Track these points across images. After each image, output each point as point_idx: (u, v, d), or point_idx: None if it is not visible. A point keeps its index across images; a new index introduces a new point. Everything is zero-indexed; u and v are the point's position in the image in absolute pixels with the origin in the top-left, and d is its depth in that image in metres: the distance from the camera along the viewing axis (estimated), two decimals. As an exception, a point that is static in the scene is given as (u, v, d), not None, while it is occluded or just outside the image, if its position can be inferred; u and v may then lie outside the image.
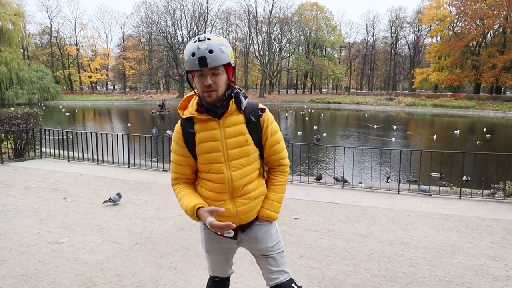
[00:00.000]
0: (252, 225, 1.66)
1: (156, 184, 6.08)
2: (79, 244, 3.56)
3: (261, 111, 1.61)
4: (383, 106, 43.74)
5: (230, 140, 1.55)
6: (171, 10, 57.41)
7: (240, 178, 1.57)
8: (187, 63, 1.44)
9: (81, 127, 22.81)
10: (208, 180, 1.60)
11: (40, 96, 46.07)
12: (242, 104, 1.56)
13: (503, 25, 42.54)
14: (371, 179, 6.18)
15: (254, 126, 1.59)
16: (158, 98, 48.60)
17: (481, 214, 4.49)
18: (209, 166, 1.57)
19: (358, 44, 70.50)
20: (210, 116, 1.54)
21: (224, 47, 1.44)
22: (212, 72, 1.44)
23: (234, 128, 1.56)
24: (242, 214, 1.60)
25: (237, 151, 1.56)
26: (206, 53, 1.40)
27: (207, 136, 1.54)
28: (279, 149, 1.67)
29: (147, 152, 8.90)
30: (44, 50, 63.05)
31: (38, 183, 6.06)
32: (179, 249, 3.46)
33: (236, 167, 1.56)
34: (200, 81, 1.46)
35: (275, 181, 1.70)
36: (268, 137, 1.63)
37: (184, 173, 1.66)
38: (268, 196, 1.68)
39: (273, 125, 1.65)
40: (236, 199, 1.58)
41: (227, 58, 1.46)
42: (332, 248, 3.46)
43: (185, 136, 1.59)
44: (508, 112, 34.69)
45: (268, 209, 1.66)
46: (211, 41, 1.42)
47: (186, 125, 1.59)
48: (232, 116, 1.56)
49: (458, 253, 3.34)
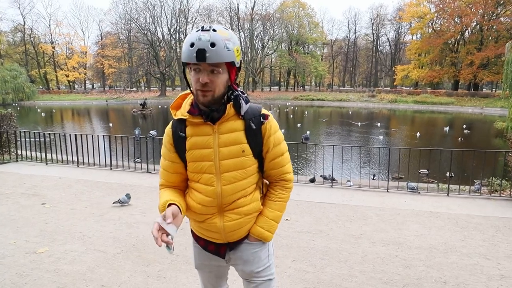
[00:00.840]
0: (240, 244, 1.48)
1: (140, 186, 5.87)
2: (60, 253, 3.35)
3: (264, 118, 1.41)
4: (366, 103, 44.37)
5: (224, 149, 1.36)
6: (150, 7, 56.45)
7: (231, 193, 1.39)
8: (184, 53, 1.24)
9: (59, 128, 22.08)
10: (196, 191, 1.43)
11: (15, 96, 44.47)
12: (242, 109, 1.36)
13: (480, 23, 43.76)
14: (360, 178, 6.16)
15: (254, 135, 1.39)
16: (139, 97, 47.81)
17: (470, 211, 4.53)
18: (199, 176, 1.40)
19: (340, 41, 71.33)
20: (204, 120, 1.35)
21: (230, 43, 1.24)
22: (211, 68, 1.25)
23: (230, 135, 1.37)
24: (230, 231, 1.42)
25: (231, 162, 1.37)
26: (207, 46, 1.19)
27: (198, 142, 1.36)
28: (282, 163, 1.47)
29: (130, 153, 8.64)
30: (17, 48, 60.84)
31: (13, 188, 5.74)
32: (166, 255, 3.30)
33: (229, 180, 1.38)
34: (196, 77, 1.27)
35: (274, 197, 1.50)
36: (270, 148, 1.43)
37: (171, 181, 1.48)
38: (264, 213, 1.47)
39: (277, 134, 1.45)
40: (225, 213, 1.41)
41: (231, 56, 1.25)
42: (326, 251, 3.38)
43: (175, 139, 1.41)
44: (486, 108, 35.78)
45: (261, 226, 1.46)
46: (216, 33, 1.22)
47: (178, 128, 1.40)
48: (229, 122, 1.37)
49: (451, 253, 3.33)
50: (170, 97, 51.62)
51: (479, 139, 17.87)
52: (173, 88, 65.12)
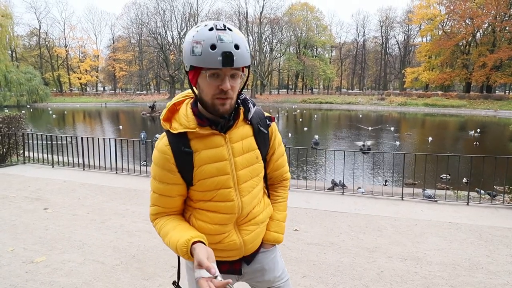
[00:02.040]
0: (257, 254, 1.37)
1: (145, 192, 5.70)
2: (57, 264, 3.19)
3: (270, 120, 1.33)
4: (375, 106, 43.82)
5: (239, 158, 1.22)
6: (161, 11, 56.86)
7: (249, 203, 1.28)
8: (201, 57, 1.03)
9: (68, 130, 22.21)
10: (208, 211, 1.24)
11: (29, 98, 45.37)
12: (250, 113, 1.24)
13: (492, 24, 42.90)
14: (373, 184, 5.89)
15: (263, 139, 1.30)
16: (149, 100, 48.11)
17: (493, 222, 4.22)
18: (213, 194, 1.21)
19: (349, 44, 70.73)
20: (214, 130, 1.17)
21: (247, 44, 1.11)
22: (232, 73, 1.08)
23: (243, 142, 1.24)
24: (249, 244, 1.31)
25: (247, 171, 1.25)
26: (232, 48, 1.03)
27: (211, 155, 1.18)
28: (283, 163, 1.44)
29: (135, 156, 8.52)
30: (32, 52, 62.14)
31: (18, 191, 5.64)
32: (168, 268, 3.11)
33: (247, 190, 1.26)
34: (214, 83, 1.08)
35: (279, 198, 1.46)
36: (275, 150, 1.38)
37: (171, 206, 1.26)
38: (274, 216, 1.42)
39: (278, 135, 1.40)
40: (241, 226, 1.29)
41: (250, 58, 1.12)
42: (338, 266, 3.14)
43: (177, 157, 1.18)
44: (500, 111, 35.00)
45: (275, 231, 1.40)
46: (234, 33, 1.06)
47: (179, 143, 1.17)
48: (239, 128, 1.23)
49: (476, 270, 3.05)
50: (179, 100, 51.78)
51: (494, 143, 17.35)
52: (182, 90, 64.63)
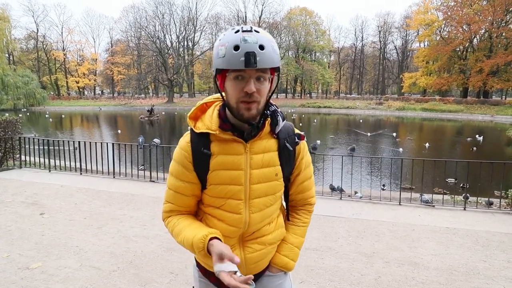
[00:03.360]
0: (261, 277, 1.29)
1: (142, 196, 5.69)
2: (53, 270, 3.16)
3: (299, 138, 1.26)
4: (373, 110, 43.96)
5: (256, 171, 1.17)
6: (159, 15, 57.00)
7: (259, 221, 1.21)
8: (225, 58, 1.02)
9: (65, 135, 22.10)
10: (216, 218, 1.21)
11: (26, 102, 45.14)
12: (278, 126, 1.19)
13: (489, 30, 43.27)
14: (370, 188, 5.90)
15: (288, 156, 1.23)
16: (147, 103, 48.09)
17: (490, 227, 4.24)
18: (222, 201, 1.18)
19: (347, 49, 71.14)
20: (236, 137, 1.14)
21: (275, 46, 1.07)
22: (257, 75, 1.06)
23: (264, 156, 1.18)
24: (252, 263, 1.23)
25: (263, 186, 1.19)
26: (256, 48, 1.01)
27: (227, 162, 1.15)
28: (309, 186, 1.35)
29: (133, 161, 8.49)
30: (30, 55, 62.01)
31: (13, 196, 5.61)
32: (165, 274, 3.09)
33: (258, 207, 1.20)
34: (238, 86, 1.06)
35: (298, 222, 1.36)
36: (301, 170, 1.29)
37: (185, 205, 1.24)
38: (288, 239, 1.32)
39: (308, 155, 1.32)
40: (246, 243, 1.22)
41: (278, 60, 1.07)
42: (336, 271, 3.13)
43: (196, 157, 1.17)
44: (496, 116, 35.17)
45: (286, 255, 1.29)
46: (261, 34, 1.04)
47: (199, 143, 1.16)
48: (263, 140, 1.18)
49: (473, 275, 3.05)
50: (177, 104, 51.85)
51: (492, 149, 17.39)
52: (180, 94, 65.40)
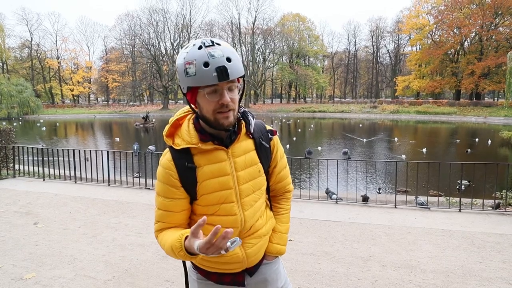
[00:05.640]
0: (259, 266, 1.38)
1: (137, 204, 5.65)
2: (47, 280, 3.12)
3: (271, 134, 1.35)
4: (368, 114, 44.24)
5: (242, 172, 1.24)
6: (154, 23, 57.19)
7: (252, 217, 1.29)
8: (197, 76, 1.06)
9: (60, 143, 21.92)
10: (212, 225, 1.19)
11: (20, 110, 44.71)
12: (251, 126, 1.26)
13: (479, 33, 43.98)
14: (366, 192, 5.90)
15: (265, 153, 1.32)
16: (142, 110, 48.02)
17: (485, 229, 4.25)
18: (216, 208, 1.23)
19: (341, 54, 71.64)
20: (216, 145, 1.20)
21: (237, 55, 1.12)
22: (228, 85, 1.11)
23: (245, 157, 1.26)
24: (252, 256, 1.31)
25: (250, 185, 1.27)
26: (224, 62, 1.05)
27: (214, 170, 1.20)
28: (286, 174, 1.45)
29: (128, 168, 8.45)
30: (24, 64, 61.86)
31: (7, 206, 5.54)
32: (161, 282, 3.06)
33: (249, 204, 1.28)
34: (213, 100, 1.11)
35: (281, 210, 1.47)
36: (277, 162, 1.39)
37: (176, 222, 1.25)
38: (277, 228, 1.43)
39: (281, 147, 1.42)
40: (245, 240, 1.29)
41: (243, 68, 1.13)
42: (333, 275, 3.12)
43: (181, 173, 1.20)
44: (489, 118, 35.57)
45: (277, 243, 1.41)
46: (223, 47, 1.08)
47: (181, 159, 1.20)
48: (241, 143, 1.25)
49: (469, 277, 3.05)
50: (172, 110, 51.79)
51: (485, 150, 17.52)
52: (175, 101, 65.34)
